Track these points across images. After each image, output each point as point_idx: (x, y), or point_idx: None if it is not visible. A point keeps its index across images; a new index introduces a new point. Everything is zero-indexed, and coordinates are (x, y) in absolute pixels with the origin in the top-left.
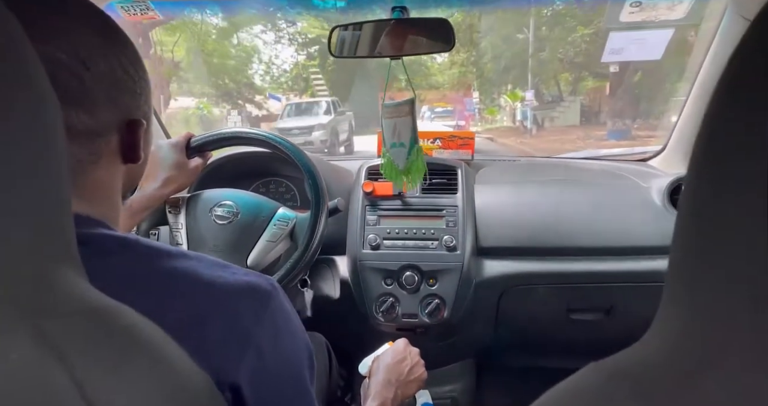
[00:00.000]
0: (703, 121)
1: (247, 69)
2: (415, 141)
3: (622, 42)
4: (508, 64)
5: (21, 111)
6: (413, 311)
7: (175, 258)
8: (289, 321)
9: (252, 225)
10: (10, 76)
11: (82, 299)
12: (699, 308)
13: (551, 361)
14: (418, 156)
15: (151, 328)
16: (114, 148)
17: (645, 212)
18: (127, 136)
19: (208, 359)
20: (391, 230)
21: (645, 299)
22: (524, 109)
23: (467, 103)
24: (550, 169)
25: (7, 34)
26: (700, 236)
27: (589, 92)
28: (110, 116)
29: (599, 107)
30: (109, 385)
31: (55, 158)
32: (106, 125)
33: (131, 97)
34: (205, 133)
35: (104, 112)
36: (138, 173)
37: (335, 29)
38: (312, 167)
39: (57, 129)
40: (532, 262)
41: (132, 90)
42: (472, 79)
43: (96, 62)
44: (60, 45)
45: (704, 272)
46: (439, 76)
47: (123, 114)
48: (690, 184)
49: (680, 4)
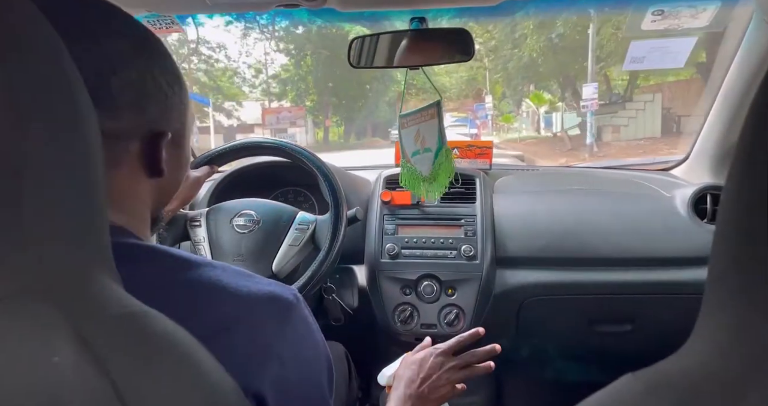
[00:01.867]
0: (743, 129)
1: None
2: (442, 143)
3: (643, 50)
4: (560, 45)
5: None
6: (432, 321)
7: (201, 268)
8: (310, 331)
9: (274, 231)
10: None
11: (119, 304)
12: (743, 317)
13: (573, 374)
14: (447, 157)
15: (183, 334)
16: (136, 157)
17: (669, 222)
18: (149, 147)
19: (233, 367)
20: (409, 239)
21: (669, 311)
22: (548, 115)
23: (477, 109)
24: (569, 179)
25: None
26: (742, 244)
27: (671, 87)
28: (133, 124)
29: (684, 108)
30: (144, 388)
31: (92, 165)
32: (129, 131)
33: (159, 108)
34: (214, 148)
35: (127, 119)
36: (168, 190)
37: (354, 40)
38: (327, 170)
39: (94, 137)
40: (553, 272)
41: (161, 102)
42: (482, 81)
43: (125, 69)
44: (89, 48)
45: (747, 281)
46: (445, 77)
47: (148, 124)
48: (730, 192)
49: (704, 11)
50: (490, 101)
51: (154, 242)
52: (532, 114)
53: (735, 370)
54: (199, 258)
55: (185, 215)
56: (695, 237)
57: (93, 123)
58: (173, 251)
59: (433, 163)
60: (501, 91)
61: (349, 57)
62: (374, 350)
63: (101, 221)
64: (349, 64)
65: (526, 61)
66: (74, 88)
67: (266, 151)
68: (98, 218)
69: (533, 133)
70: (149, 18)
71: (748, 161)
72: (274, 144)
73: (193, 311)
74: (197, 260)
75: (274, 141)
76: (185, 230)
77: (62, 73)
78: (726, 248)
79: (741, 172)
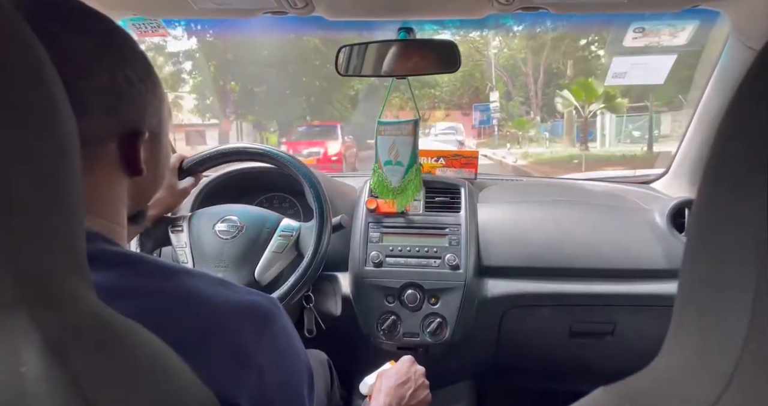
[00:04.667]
0: (712, 148)
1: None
2: (414, 160)
3: (625, 66)
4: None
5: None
6: (415, 329)
7: (177, 276)
8: (289, 341)
9: (257, 238)
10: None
11: (92, 313)
12: (709, 338)
13: (554, 383)
14: (416, 175)
15: (158, 344)
16: (113, 159)
17: (648, 234)
18: (126, 148)
19: (210, 377)
20: (393, 247)
21: (648, 322)
22: (621, 117)
23: (478, 111)
24: (553, 190)
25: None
26: (708, 262)
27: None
28: (108, 126)
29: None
30: (116, 399)
31: (69, 172)
32: (103, 134)
33: (134, 108)
34: (200, 153)
35: (102, 122)
36: (147, 189)
37: (342, 49)
38: (312, 177)
39: (72, 142)
40: (535, 282)
41: (135, 100)
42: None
43: (93, 70)
44: (53, 48)
45: (712, 300)
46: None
47: (122, 125)
48: (698, 209)
49: (683, 30)
50: (496, 99)
51: (133, 247)
52: (567, 117)
53: (699, 390)
54: (175, 266)
55: (167, 219)
56: (674, 250)
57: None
58: (149, 259)
59: (403, 177)
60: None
61: (336, 65)
62: (356, 359)
63: (77, 227)
64: (337, 72)
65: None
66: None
67: (252, 157)
68: (74, 224)
69: (567, 145)
70: (135, 21)
71: (713, 179)
72: (260, 151)
73: (169, 321)
74: (174, 268)
75: (260, 147)
76: (167, 234)
77: (38, 78)
78: (691, 266)
79: (707, 190)
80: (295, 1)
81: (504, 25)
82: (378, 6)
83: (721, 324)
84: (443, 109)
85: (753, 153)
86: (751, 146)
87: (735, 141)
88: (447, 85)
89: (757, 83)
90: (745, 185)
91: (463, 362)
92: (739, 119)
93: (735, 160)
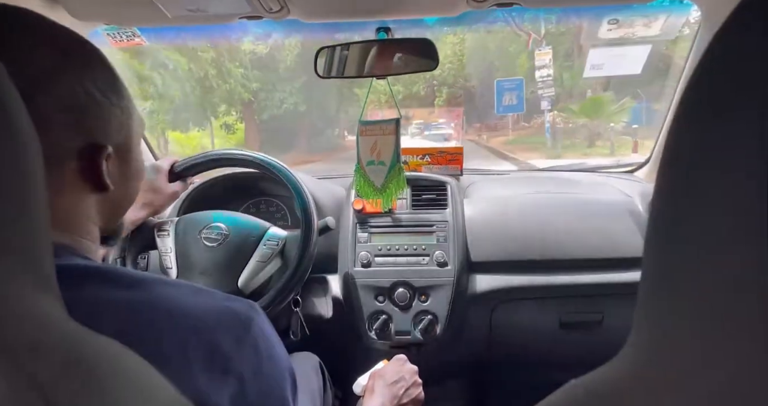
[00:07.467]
0: (666, 142)
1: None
2: (397, 160)
3: (602, 58)
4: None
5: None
6: (406, 328)
7: (153, 286)
8: (270, 346)
9: (242, 246)
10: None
11: (61, 331)
12: (670, 331)
13: (548, 376)
14: (399, 175)
15: (132, 358)
16: (76, 175)
17: (631, 222)
18: (88, 163)
19: (190, 385)
20: (382, 246)
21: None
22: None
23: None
24: (538, 182)
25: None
26: (670, 253)
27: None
28: (68, 141)
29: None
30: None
31: (32, 185)
32: (63, 150)
33: (96, 121)
34: (190, 157)
35: (61, 137)
36: (118, 204)
37: (321, 50)
38: (299, 186)
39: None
40: (523, 275)
41: (97, 114)
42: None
43: (51, 84)
44: (11, 62)
45: (675, 293)
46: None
47: (84, 139)
48: (656, 202)
49: (656, 20)
50: (547, 62)
51: (112, 255)
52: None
53: (654, 385)
54: (151, 276)
55: (154, 223)
56: None
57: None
58: (122, 270)
59: (386, 176)
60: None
61: (315, 67)
62: (350, 359)
63: (43, 243)
64: (316, 74)
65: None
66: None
67: (241, 163)
68: (40, 240)
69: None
70: (109, 31)
71: (666, 173)
72: (248, 158)
73: (147, 332)
74: (147, 278)
75: (249, 154)
76: (153, 238)
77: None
78: (649, 263)
79: (661, 185)
80: (270, 6)
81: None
82: (352, 7)
83: (682, 317)
84: (445, 95)
85: (701, 146)
86: (700, 139)
87: (684, 134)
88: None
89: (707, 75)
90: (697, 178)
91: (455, 359)
92: (689, 111)
93: (684, 152)
